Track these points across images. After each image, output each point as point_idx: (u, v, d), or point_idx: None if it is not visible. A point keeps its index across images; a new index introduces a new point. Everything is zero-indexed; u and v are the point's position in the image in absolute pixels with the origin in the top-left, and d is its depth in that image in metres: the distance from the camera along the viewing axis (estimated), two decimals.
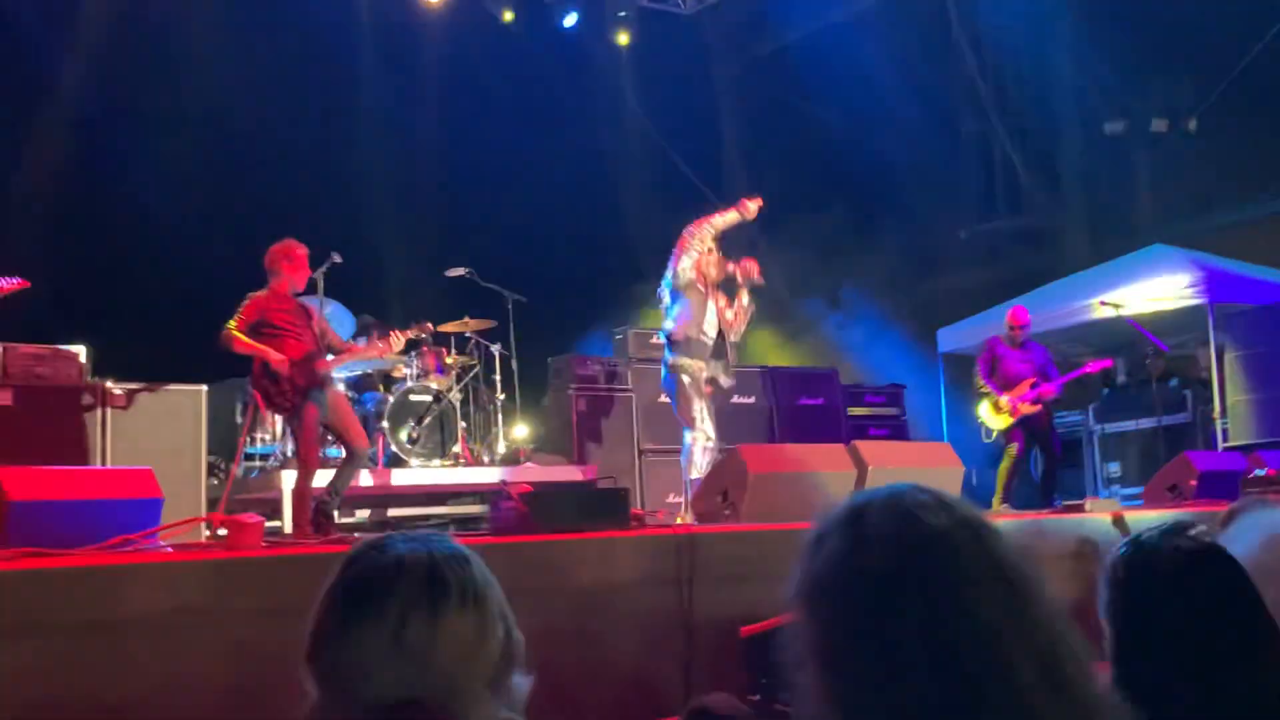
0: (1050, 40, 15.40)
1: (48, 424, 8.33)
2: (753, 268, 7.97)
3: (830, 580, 1.40)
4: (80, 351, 8.66)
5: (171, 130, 11.89)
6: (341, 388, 9.13)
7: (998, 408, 9.82)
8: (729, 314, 7.98)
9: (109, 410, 8.47)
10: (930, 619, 1.33)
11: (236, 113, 12.06)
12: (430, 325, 8.46)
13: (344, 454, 7.47)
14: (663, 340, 8.03)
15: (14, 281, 6.59)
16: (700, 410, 7.80)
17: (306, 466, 7.07)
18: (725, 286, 8.09)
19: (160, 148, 11.78)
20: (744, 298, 7.98)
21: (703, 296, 7.86)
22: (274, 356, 6.91)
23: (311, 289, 8.80)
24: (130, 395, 8.21)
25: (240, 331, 7.02)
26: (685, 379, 7.83)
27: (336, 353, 7.64)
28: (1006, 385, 9.82)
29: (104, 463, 8.20)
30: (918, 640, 1.32)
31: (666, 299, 7.95)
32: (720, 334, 7.95)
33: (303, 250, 7.56)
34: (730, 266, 7.95)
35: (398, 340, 7.89)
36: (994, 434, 9.99)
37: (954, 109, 15.98)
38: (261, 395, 7.14)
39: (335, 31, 13.09)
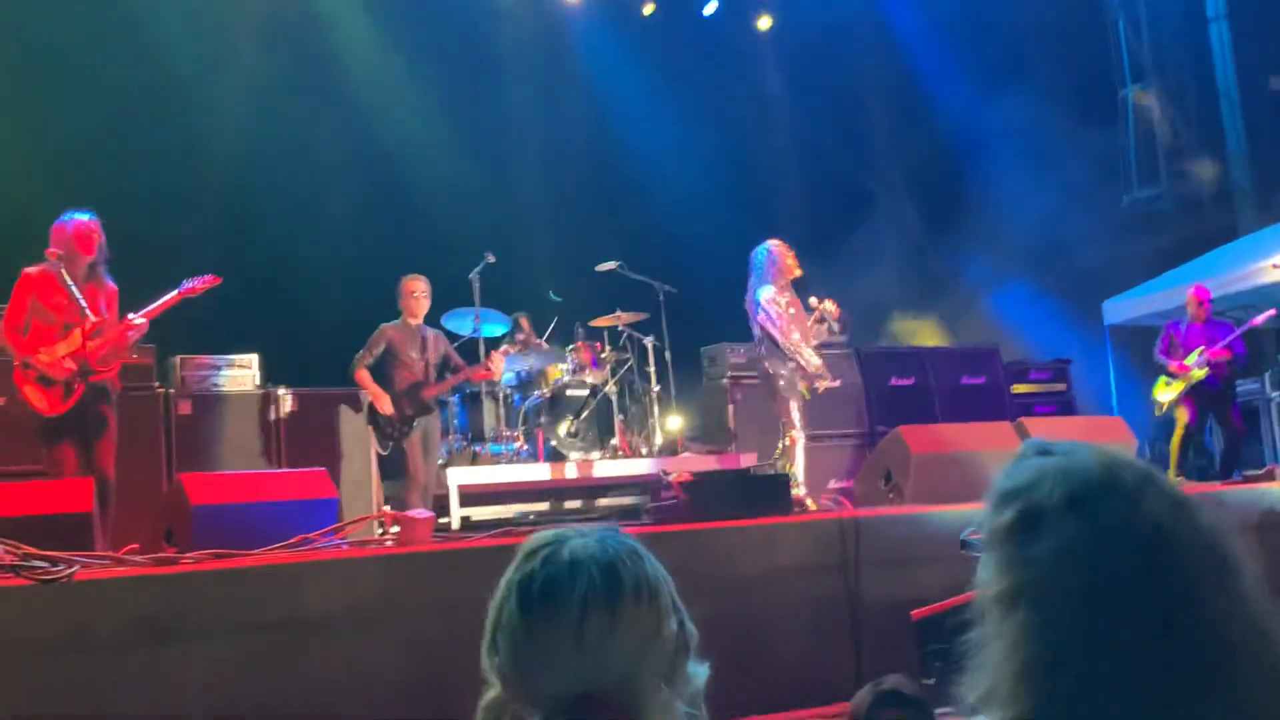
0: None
1: (226, 430, 8.68)
2: (831, 309, 8.09)
3: (1057, 573, 1.31)
4: (253, 360, 8.99)
5: (326, 140, 12.24)
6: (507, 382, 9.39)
7: (1170, 378, 9.62)
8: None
9: (281, 415, 8.78)
10: (1165, 613, 1.26)
11: (388, 118, 12.35)
12: (531, 337, 8.81)
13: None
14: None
15: (207, 279, 6.85)
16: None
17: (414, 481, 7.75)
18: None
19: (318, 159, 12.15)
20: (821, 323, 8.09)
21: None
22: (379, 403, 7.91)
23: (466, 289, 9.08)
24: (301, 401, 8.48)
25: (365, 365, 7.97)
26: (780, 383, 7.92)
27: (448, 376, 8.26)
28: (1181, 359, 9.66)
29: (279, 466, 8.50)
30: (1149, 635, 1.25)
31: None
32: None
33: (413, 285, 8.27)
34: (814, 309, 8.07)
35: (498, 361, 8.44)
36: (1163, 408, 9.77)
37: (1109, 72, 15.48)
38: (374, 428, 7.98)
39: (478, 30, 13.28)
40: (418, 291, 8.24)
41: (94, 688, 3.62)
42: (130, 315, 6.58)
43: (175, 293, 6.74)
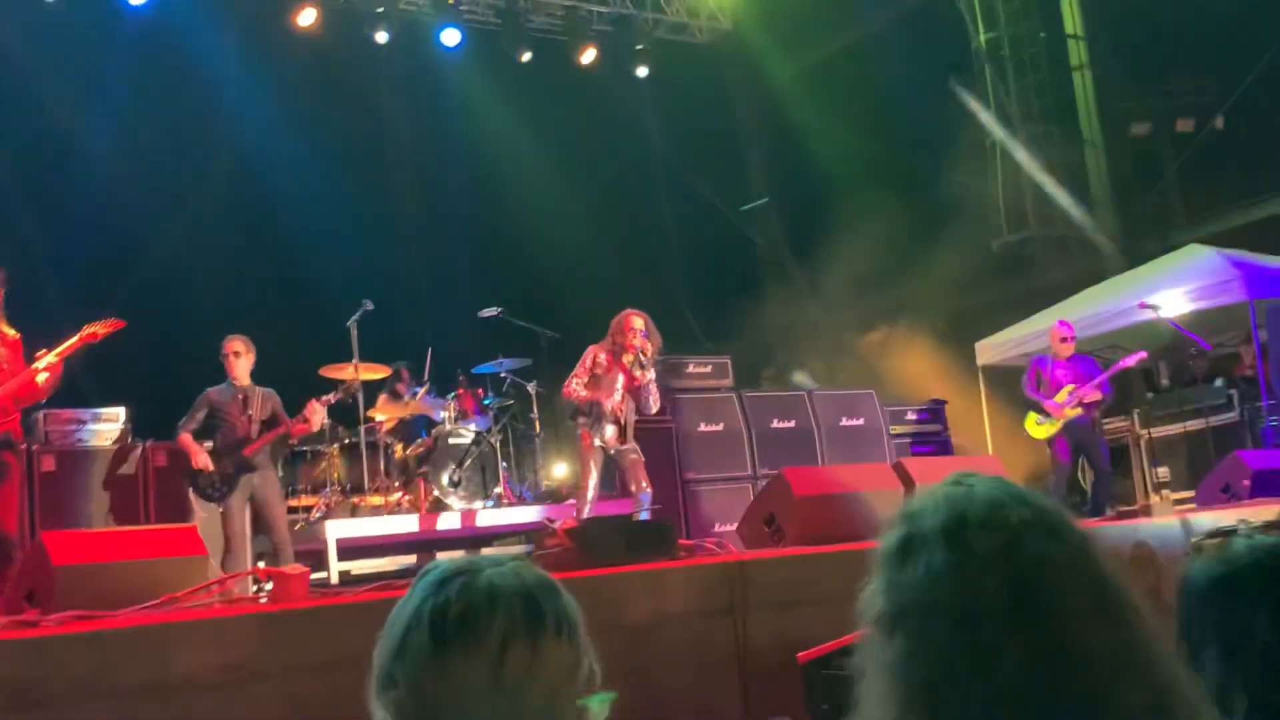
0: (1063, 47, 15.41)
1: (92, 487, 8.38)
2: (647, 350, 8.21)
3: (926, 598, 1.31)
4: (120, 414, 8.72)
5: (199, 187, 12.01)
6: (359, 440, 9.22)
7: (1041, 415, 9.85)
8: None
9: (151, 470, 8.51)
10: (1037, 646, 1.26)
11: (263, 160, 12.15)
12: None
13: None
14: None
15: (110, 323, 6.67)
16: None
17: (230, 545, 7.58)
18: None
19: (189, 206, 11.90)
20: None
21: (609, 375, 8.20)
22: (195, 460, 7.73)
23: (344, 337, 8.93)
24: (171, 456, 8.23)
25: (189, 428, 7.85)
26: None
27: (266, 430, 8.00)
28: (1051, 395, 9.89)
29: (149, 522, 8.23)
30: (1023, 667, 1.25)
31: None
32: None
33: (230, 345, 8.06)
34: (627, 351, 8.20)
35: (318, 412, 8.13)
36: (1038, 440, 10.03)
37: (975, 120, 15.92)
38: (192, 487, 7.77)
39: (357, 73, 13.19)
40: (232, 351, 8.01)
41: None
42: (39, 360, 6.36)
43: (76, 337, 6.52)
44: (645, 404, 8.27)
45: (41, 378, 6.38)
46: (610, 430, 8.07)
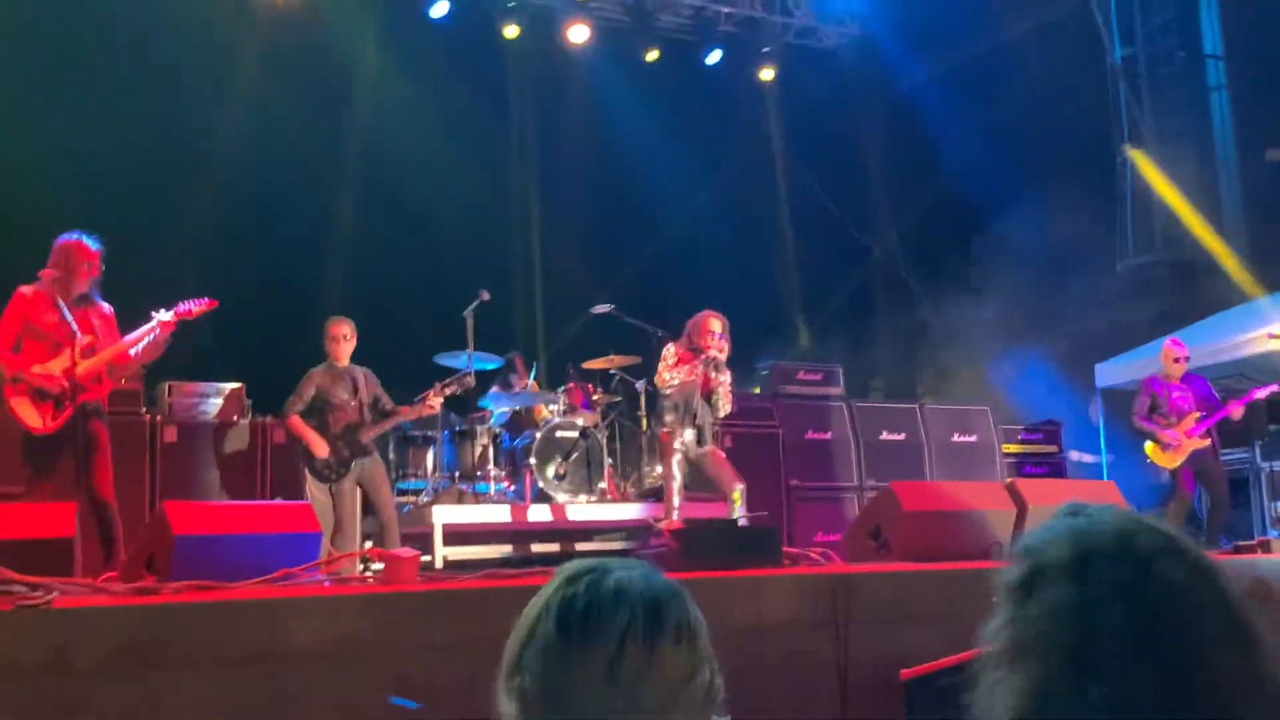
0: (1201, 67, 14.98)
1: (211, 459, 8.61)
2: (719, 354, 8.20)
3: (1053, 633, 1.30)
4: (241, 389, 8.93)
5: (327, 171, 12.26)
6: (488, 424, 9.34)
7: (1163, 447, 9.53)
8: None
9: (269, 446, 8.72)
10: (1166, 674, 1.24)
11: (390, 149, 12.35)
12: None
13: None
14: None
15: (203, 302, 6.85)
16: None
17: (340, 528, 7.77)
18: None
19: (317, 190, 12.16)
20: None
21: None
22: (314, 446, 7.92)
23: (460, 326, 9.05)
24: (288, 433, 8.41)
25: (296, 410, 8.02)
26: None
27: (385, 418, 8.25)
28: (1172, 421, 9.55)
29: (264, 497, 8.43)
30: (1149, 697, 1.23)
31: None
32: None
33: (337, 328, 8.22)
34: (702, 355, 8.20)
35: (435, 400, 8.42)
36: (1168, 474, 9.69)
37: (1107, 138, 15.57)
38: (307, 468, 7.98)
39: (483, 70, 13.33)
40: (341, 335, 8.16)
41: (73, 716, 3.55)
42: (131, 335, 6.59)
43: (171, 315, 6.73)
44: (719, 407, 8.26)
45: (134, 351, 6.57)
46: (690, 434, 8.10)
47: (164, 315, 6.73)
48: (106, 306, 6.76)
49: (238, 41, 11.88)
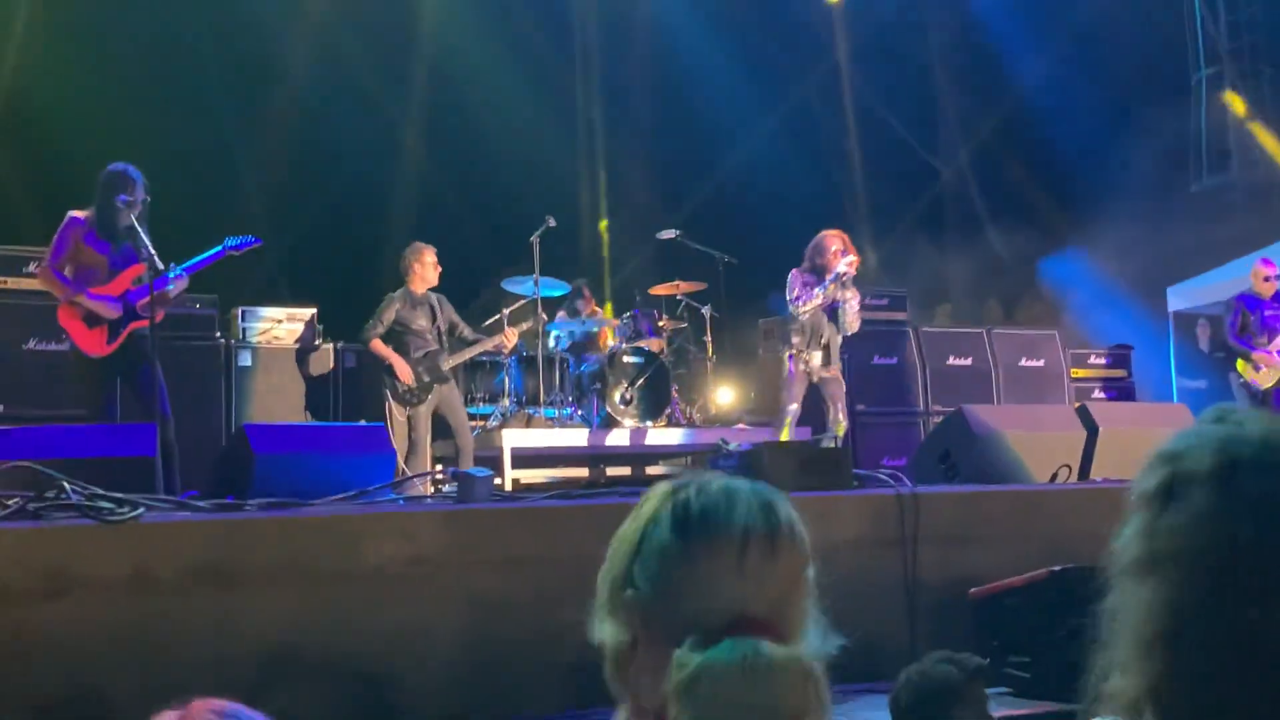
0: None
1: (285, 383, 8.76)
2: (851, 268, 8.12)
3: (1186, 544, 1.25)
4: (312, 314, 9.05)
5: (394, 96, 12.29)
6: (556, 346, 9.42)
7: (1255, 366, 9.38)
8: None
9: (341, 370, 8.84)
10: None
11: (455, 77, 12.34)
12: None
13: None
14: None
15: (249, 243, 6.91)
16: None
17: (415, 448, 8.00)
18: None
19: (383, 114, 12.21)
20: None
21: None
22: (400, 370, 8.08)
23: (527, 251, 9.09)
24: (359, 356, 8.53)
25: (377, 334, 8.14)
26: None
27: (464, 345, 8.45)
28: (1263, 341, 9.41)
29: (338, 419, 8.57)
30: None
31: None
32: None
33: (429, 254, 8.31)
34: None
35: (512, 336, 8.65)
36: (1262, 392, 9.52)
37: (1181, 55, 15.17)
38: (389, 391, 8.12)
39: None
40: (430, 261, 8.28)
41: (155, 628, 3.66)
42: (173, 268, 6.61)
43: (219, 251, 6.78)
44: (846, 326, 8.22)
45: (171, 288, 6.56)
46: (817, 356, 8.07)
47: (211, 253, 6.79)
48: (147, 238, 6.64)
49: None
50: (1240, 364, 9.62)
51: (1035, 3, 14.32)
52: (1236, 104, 14.22)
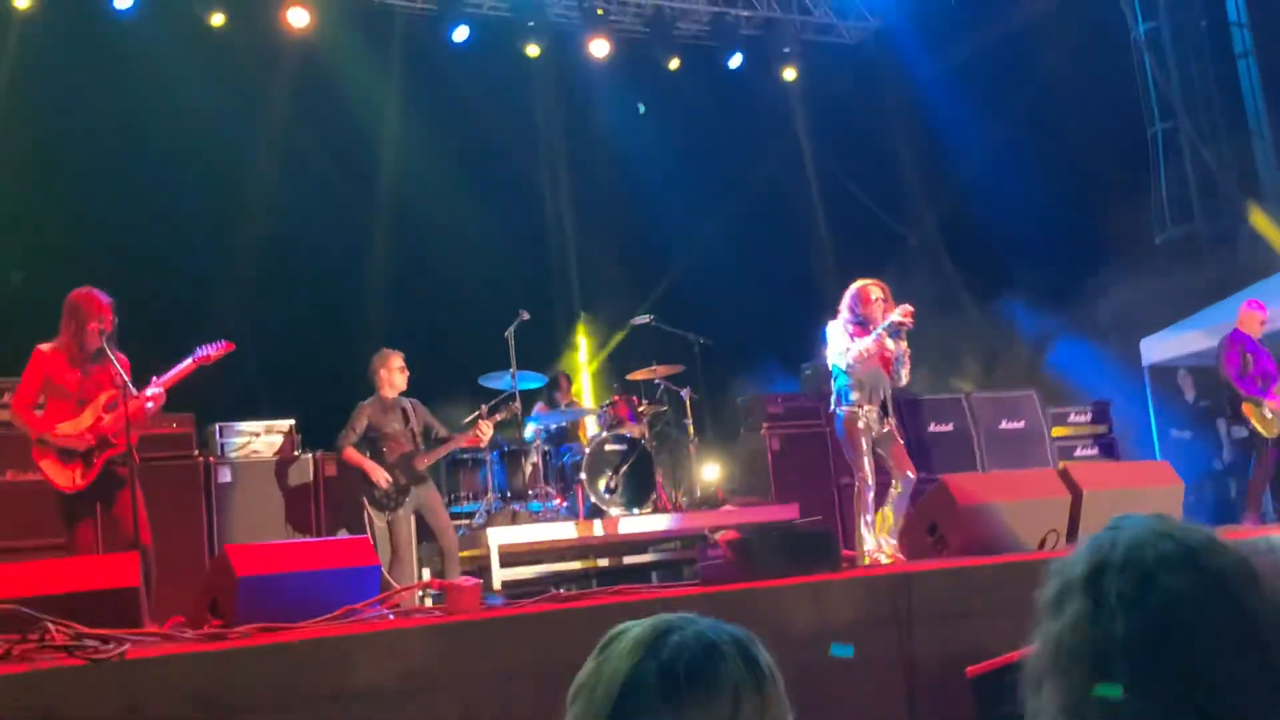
0: (1227, 34, 14.83)
1: (265, 497, 8.69)
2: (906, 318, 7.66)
3: (1073, 646, 1.34)
4: (289, 425, 9.02)
5: (359, 203, 12.37)
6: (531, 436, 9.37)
7: (1262, 414, 9.20)
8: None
9: (321, 479, 8.79)
10: (1175, 692, 1.26)
11: (420, 176, 12.44)
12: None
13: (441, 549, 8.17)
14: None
15: (221, 345, 6.86)
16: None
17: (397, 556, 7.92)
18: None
19: (349, 222, 12.27)
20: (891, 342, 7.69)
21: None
22: (375, 475, 8.03)
23: (502, 347, 9.11)
24: (341, 465, 8.48)
25: (350, 442, 8.13)
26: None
27: (439, 444, 8.34)
28: (1265, 385, 9.27)
29: (321, 531, 8.51)
30: (1159, 708, 1.26)
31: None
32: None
33: (396, 359, 8.28)
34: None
35: (486, 429, 8.41)
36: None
37: (1136, 113, 15.43)
38: (366, 498, 8.07)
39: (508, 91, 13.39)
40: (395, 367, 8.26)
41: None
42: (149, 386, 6.57)
43: (190, 360, 6.75)
44: (899, 376, 7.70)
45: (150, 405, 6.55)
46: (874, 412, 7.57)
47: (183, 363, 6.75)
48: (122, 356, 6.63)
49: (262, 80, 12.00)
50: (1248, 408, 9.32)
51: (987, 70, 14.56)
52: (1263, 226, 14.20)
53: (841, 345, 7.59)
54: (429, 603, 7.04)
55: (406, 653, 3.97)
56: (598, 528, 8.98)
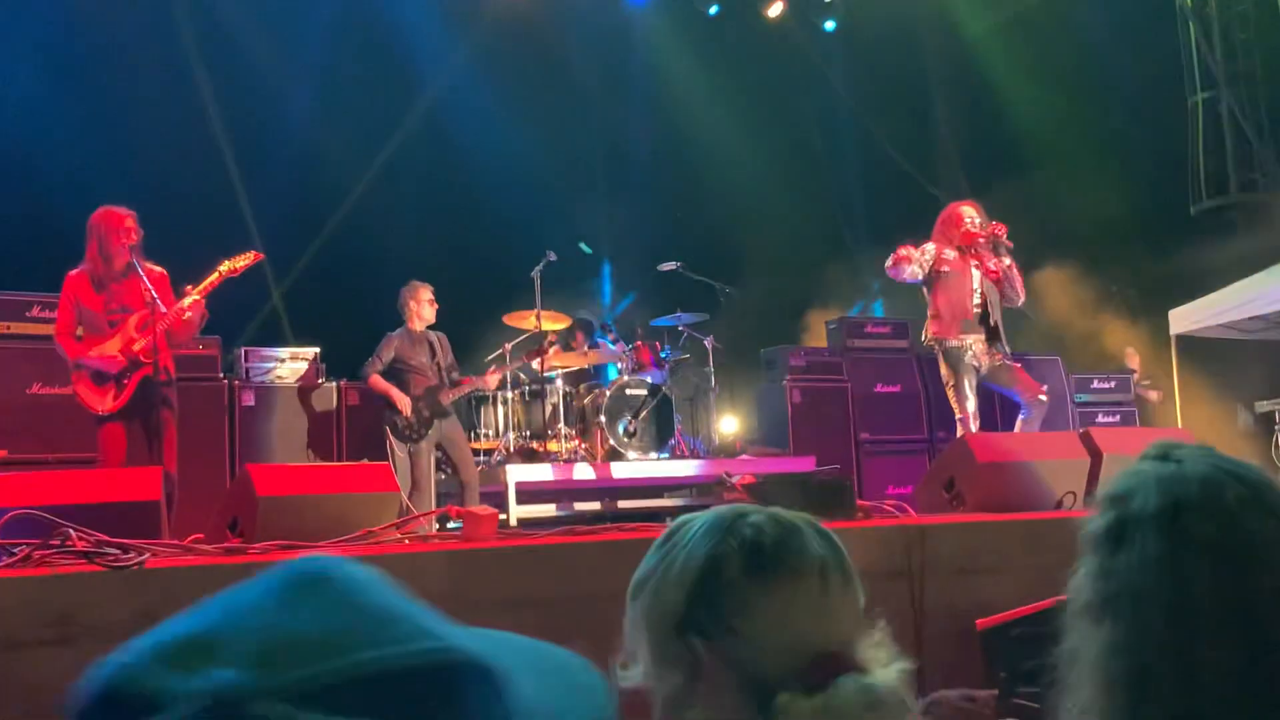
0: (1273, 5, 14.58)
1: (288, 423, 8.76)
2: (1001, 231, 7.51)
3: (1146, 586, 1.28)
4: (314, 353, 9.07)
5: (392, 135, 12.35)
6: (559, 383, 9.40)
7: None
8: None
9: (345, 408, 8.85)
10: (1254, 637, 1.22)
11: (454, 113, 12.42)
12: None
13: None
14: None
15: (249, 256, 6.79)
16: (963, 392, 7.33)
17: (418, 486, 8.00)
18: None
19: (383, 154, 12.26)
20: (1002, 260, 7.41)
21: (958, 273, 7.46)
22: (400, 404, 8.10)
23: (528, 286, 9.11)
24: (363, 395, 8.54)
25: (376, 371, 8.18)
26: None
27: (456, 385, 8.41)
28: None
29: (341, 459, 8.57)
30: (1237, 659, 1.22)
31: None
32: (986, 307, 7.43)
33: (426, 291, 8.36)
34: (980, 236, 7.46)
35: (492, 380, 8.67)
36: None
37: (1177, 80, 15.23)
38: (389, 427, 8.11)
39: (545, 31, 13.31)
40: (428, 299, 8.32)
41: None
42: (185, 296, 6.56)
43: (217, 274, 6.69)
44: (1011, 293, 7.51)
45: (188, 315, 6.53)
46: (976, 340, 7.39)
47: (210, 277, 6.70)
48: (157, 270, 6.65)
49: (302, 13, 11.96)
50: None
51: (1030, 28, 14.39)
52: None
53: (914, 254, 7.38)
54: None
55: (422, 576, 4.00)
56: (616, 470, 9.02)
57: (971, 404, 7.35)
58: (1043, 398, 7.23)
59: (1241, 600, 1.24)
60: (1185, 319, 12.68)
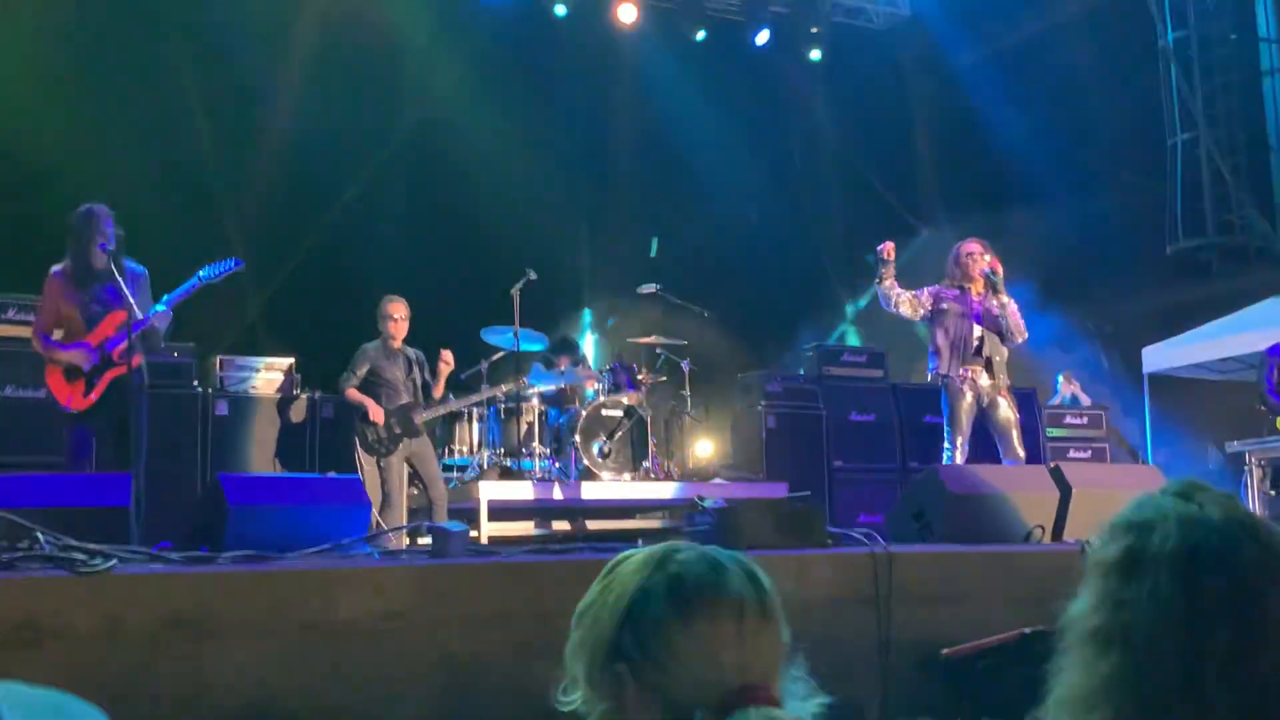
0: (1255, 50, 14.77)
1: (261, 432, 8.73)
2: (996, 267, 7.64)
3: (1153, 621, 1.29)
4: (289, 364, 9.05)
5: (379, 149, 12.35)
6: (535, 400, 9.40)
7: None
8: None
9: (318, 420, 8.83)
10: (1255, 687, 1.25)
11: (440, 129, 12.43)
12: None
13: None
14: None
15: (230, 265, 6.79)
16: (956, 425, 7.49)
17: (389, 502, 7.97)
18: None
19: (368, 167, 12.25)
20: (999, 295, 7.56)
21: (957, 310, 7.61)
22: (373, 413, 8.08)
23: (507, 304, 9.13)
24: (338, 407, 8.52)
25: (353, 385, 8.19)
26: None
27: (430, 404, 8.44)
28: None
29: (314, 470, 8.55)
30: (1240, 705, 1.25)
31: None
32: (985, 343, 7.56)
33: (393, 307, 8.31)
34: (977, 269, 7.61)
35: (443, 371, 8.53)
36: None
37: (1157, 121, 15.39)
38: (359, 438, 8.08)
39: (533, 50, 13.36)
40: (398, 315, 8.29)
41: (125, 680, 3.62)
42: (157, 304, 6.57)
43: (196, 280, 6.70)
44: (1009, 332, 7.52)
45: (159, 322, 6.53)
46: (983, 377, 7.45)
47: (189, 283, 6.69)
48: (138, 269, 6.64)
49: (290, 23, 11.97)
50: None
51: (1012, 66, 14.52)
52: None
53: (919, 295, 7.60)
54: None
55: (389, 591, 4.00)
56: (588, 490, 9.02)
57: (962, 438, 7.47)
58: (1020, 455, 7.42)
59: (1247, 651, 1.25)
60: (1158, 358, 12.78)
